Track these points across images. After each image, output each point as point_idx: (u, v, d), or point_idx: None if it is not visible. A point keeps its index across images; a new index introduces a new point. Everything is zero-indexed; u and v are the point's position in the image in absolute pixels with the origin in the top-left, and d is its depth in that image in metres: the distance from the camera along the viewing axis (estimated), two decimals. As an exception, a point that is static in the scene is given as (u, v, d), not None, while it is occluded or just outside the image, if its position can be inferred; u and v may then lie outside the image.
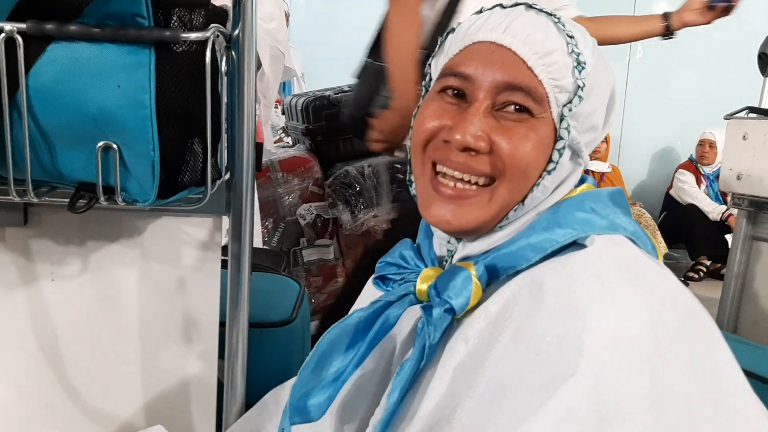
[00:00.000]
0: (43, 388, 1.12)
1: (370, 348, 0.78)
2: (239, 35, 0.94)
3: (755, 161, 1.98)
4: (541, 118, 0.73)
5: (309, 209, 3.04)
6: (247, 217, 1.02)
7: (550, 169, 0.74)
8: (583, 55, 0.74)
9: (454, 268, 0.75)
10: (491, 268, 0.74)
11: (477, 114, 0.72)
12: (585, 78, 0.73)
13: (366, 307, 0.79)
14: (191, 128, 0.85)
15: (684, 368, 0.61)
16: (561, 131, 0.73)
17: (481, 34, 0.75)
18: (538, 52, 0.72)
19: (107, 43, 0.77)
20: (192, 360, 1.12)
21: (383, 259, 0.84)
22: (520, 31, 0.73)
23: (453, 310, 0.72)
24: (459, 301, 0.72)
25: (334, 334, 0.79)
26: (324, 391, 0.78)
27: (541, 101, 0.72)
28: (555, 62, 0.72)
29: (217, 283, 1.10)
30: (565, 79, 0.73)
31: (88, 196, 0.85)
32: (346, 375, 0.78)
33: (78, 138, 0.81)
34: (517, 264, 0.73)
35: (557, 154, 0.73)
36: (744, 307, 2.13)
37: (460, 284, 0.73)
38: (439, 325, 0.72)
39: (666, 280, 0.68)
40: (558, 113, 0.73)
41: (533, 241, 0.72)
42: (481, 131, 0.72)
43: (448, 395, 0.70)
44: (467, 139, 0.71)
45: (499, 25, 0.74)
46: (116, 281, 1.10)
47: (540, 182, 0.74)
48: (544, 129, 0.73)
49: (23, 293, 1.09)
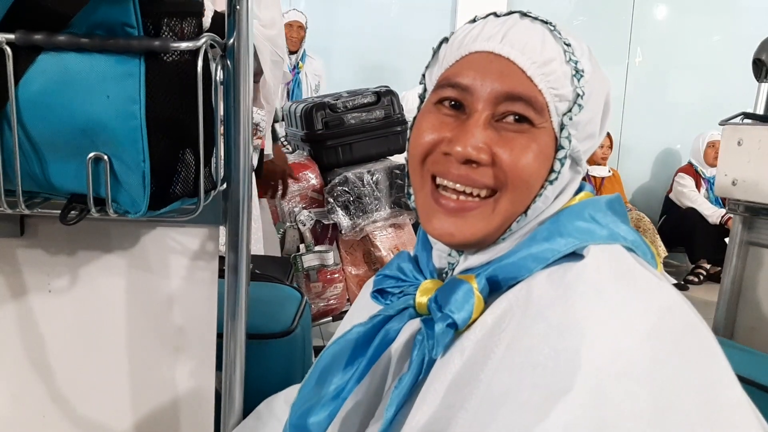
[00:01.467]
0: (40, 399, 1.11)
1: (370, 364, 0.77)
2: (234, 44, 0.93)
3: (750, 167, 1.98)
4: (541, 128, 0.72)
5: (309, 215, 3.03)
6: (244, 227, 1.01)
7: (552, 179, 0.73)
8: (580, 63, 0.73)
9: (455, 281, 0.73)
10: (493, 280, 0.73)
11: (477, 125, 0.71)
12: (584, 86, 0.72)
13: (365, 321, 0.77)
14: (183, 138, 0.85)
15: (683, 382, 0.60)
16: (562, 140, 0.73)
17: (478, 44, 0.74)
18: (536, 61, 0.71)
19: (96, 53, 0.77)
20: (189, 372, 1.11)
21: (381, 272, 0.83)
22: (517, 40, 0.72)
23: (455, 324, 0.71)
24: (461, 316, 0.71)
25: (333, 350, 0.78)
26: (324, 409, 0.77)
27: (542, 111, 0.71)
28: (554, 71, 0.72)
29: (214, 294, 1.09)
30: (565, 87, 0.72)
31: (80, 207, 0.84)
32: (347, 392, 0.77)
33: (68, 149, 0.81)
34: (519, 275, 0.72)
35: (559, 164, 0.73)
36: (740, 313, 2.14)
37: (461, 298, 0.71)
38: (441, 340, 0.71)
39: (664, 292, 0.67)
40: (558, 122, 0.73)
41: (534, 251, 0.71)
42: (483, 143, 0.71)
43: (442, 407, 0.69)
44: (468, 151, 0.70)
45: (495, 35, 0.73)
46: (113, 292, 1.09)
47: (542, 192, 0.73)
48: (545, 139, 0.72)
49: (20, 304, 1.08)
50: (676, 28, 5.93)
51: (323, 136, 3.12)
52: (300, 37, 4.83)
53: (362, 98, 3.19)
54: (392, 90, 3.27)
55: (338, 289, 3.12)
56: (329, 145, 3.13)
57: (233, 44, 0.93)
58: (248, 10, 0.93)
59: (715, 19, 5.89)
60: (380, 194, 3.06)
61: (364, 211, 3.03)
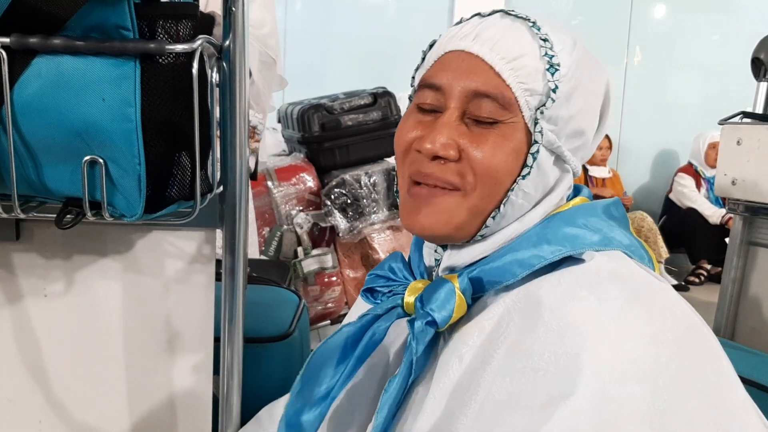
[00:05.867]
0: (36, 404, 1.10)
1: (359, 363, 0.78)
2: (230, 46, 0.93)
3: (750, 166, 1.98)
4: (510, 122, 0.72)
5: (306, 218, 3.03)
6: (241, 230, 1.01)
7: (525, 174, 0.73)
8: (557, 57, 0.73)
9: (438, 281, 0.74)
10: (476, 281, 0.74)
11: (447, 123, 0.73)
12: (559, 80, 0.72)
13: (354, 321, 0.78)
14: (179, 141, 0.84)
15: (685, 384, 0.60)
16: (535, 135, 0.73)
17: (453, 44, 0.76)
18: (505, 57, 0.72)
19: (92, 56, 0.76)
20: (186, 376, 1.11)
21: (373, 271, 0.84)
22: (488, 38, 0.73)
23: (435, 322, 0.72)
24: (442, 314, 0.72)
25: (324, 349, 0.79)
26: (315, 408, 0.79)
27: (509, 106, 0.72)
28: (524, 66, 0.72)
29: (211, 297, 1.09)
30: (536, 82, 0.72)
31: (75, 211, 0.84)
32: (336, 391, 0.79)
33: (64, 152, 0.80)
34: (503, 279, 0.72)
35: (531, 158, 0.73)
36: (741, 313, 2.14)
37: (443, 297, 0.72)
38: (421, 338, 0.72)
39: (665, 295, 0.67)
40: (531, 117, 0.73)
41: (520, 257, 0.72)
42: (450, 139, 0.72)
43: (443, 414, 0.69)
44: (436, 147, 0.72)
45: (469, 34, 0.75)
46: (109, 296, 1.08)
47: (515, 187, 0.73)
48: (516, 134, 0.73)
49: (15, 308, 1.08)
50: (674, 27, 5.93)
51: (320, 138, 3.12)
52: None
53: (359, 100, 3.19)
54: (389, 91, 3.28)
55: (336, 292, 3.12)
56: (326, 147, 3.13)
57: (229, 46, 0.93)
58: (244, 12, 0.92)
59: (713, 18, 5.90)
60: (378, 196, 3.06)
61: (362, 214, 3.03)
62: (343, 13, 5.61)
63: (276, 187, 3.05)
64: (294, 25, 5.36)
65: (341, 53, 5.63)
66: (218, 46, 0.91)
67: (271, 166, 3.10)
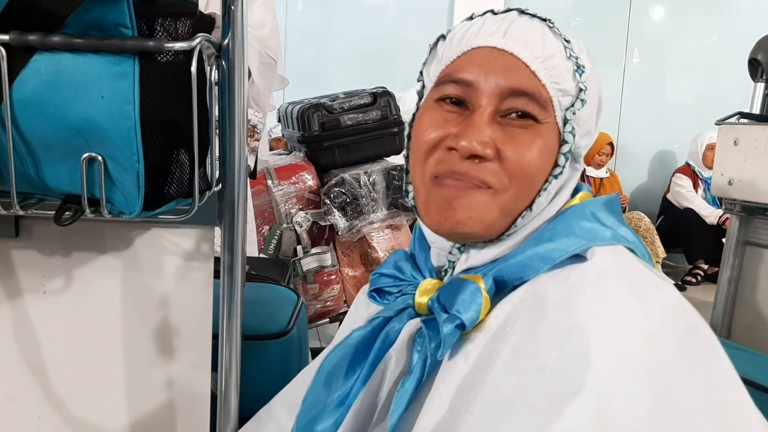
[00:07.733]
0: (35, 400, 1.11)
1: (373, 367, 0.76)
2: (229, 44, 0.93)
3: (746, 166, 1.99)
4: (545, 123, 0.72)
5: (305, 216, 3.03)
6: (239, 227, 1.01)
7: (557, 174, 0.73)
8: (581, 59, 0.73)
9: (459, 281, 0.72)
10: (499, 280, 0.72)
11: (483, 120, 0.70)
12: (585, 82, 0.73)
13: (364, 325, 0.77)
14: (177, 139, 0.84)
15: (687, 383, 0.60)
16: (566, 135, 0.73)
17: (480, 40, 0.73)
18: (539, 56, 0.71)
19: (91, 53, 0.76)
20: (184, 373, 1.11)
21: (377, 270, 0.82)
22: (519, 35, 0.72)
23: (463, 325, 0.70)
24: (469, 316, 0.69)
25: (335, 356, 0.77)
26: (330, 417, 0.76)
27: (545, 106, 0.71)
28: (556, 66, 0.72)
29: (209, 295, 1.09)
30: (567, 82, 0.72)
31: (74, 208, 0.84)
32: (351, 398, 0.76)
33: (62, 150, 0.80)
34: (525, 275, 0.71)
35: (563, 159, 0.73)
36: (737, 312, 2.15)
37: (468, 298, 0.70)
38: (449, 341, 0.69)
39: (667, 293, 0.67)
40: (562, 117, 0.72)
41: (541, 251, 0.71)
42: (488, 138, 0.70)
43: (448, 411, 0.68)
44: (474, 145, 0.69)
45: (497, 30, 0.73)
46: (108, 293, 1.08)
47: (546, 187, 0.73)
48: (549, 134, 0.72)
49: (14, 305, 1.08)
50: (672, 28, 5.94)
51: (320, 137, 3.11)
52: None
53: (359, 99, 3.19)
54: (389, 91, 3.28)
55: (335, 290, 3.12)
56: (326, 147, 3.13)
57: (228, 44, 0.93)
58: (243, 10, 0.92)
59: (711, 20, 5.91)
60: (377, 195, 3.06)
61: (361, 213, 3.03)
62: (343, 13, 5.61)
63: (276, 185, 3.05)
64: (294, 25, 5.36)
65: (341, 53, 5.63)
66: (217, 44, 0.91)
67: (270, 165, 3.10)
